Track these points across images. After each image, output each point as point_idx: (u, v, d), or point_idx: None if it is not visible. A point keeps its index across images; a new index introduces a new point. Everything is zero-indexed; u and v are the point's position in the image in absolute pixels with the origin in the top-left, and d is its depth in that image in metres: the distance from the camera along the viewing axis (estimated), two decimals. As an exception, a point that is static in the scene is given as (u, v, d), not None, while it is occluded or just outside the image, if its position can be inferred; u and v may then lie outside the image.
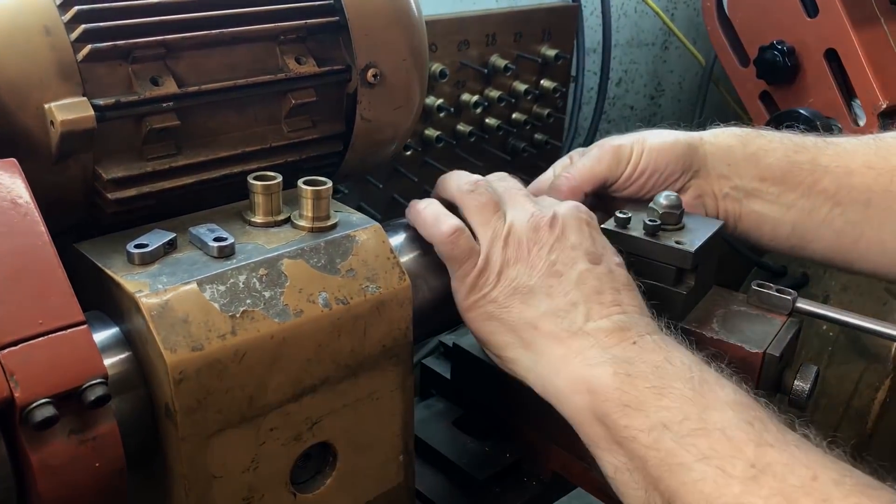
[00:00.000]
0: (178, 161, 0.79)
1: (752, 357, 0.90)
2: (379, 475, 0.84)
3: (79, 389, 0.61)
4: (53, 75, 0.70)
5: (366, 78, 0.88)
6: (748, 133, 1.06)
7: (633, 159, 1.02)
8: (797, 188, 1.01)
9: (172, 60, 0.77)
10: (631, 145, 1.02)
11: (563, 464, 0.98)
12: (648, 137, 1.03)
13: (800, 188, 1.01)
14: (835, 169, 1.01)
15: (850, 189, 1.00)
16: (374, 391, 0.80)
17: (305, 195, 0.77)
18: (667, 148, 1.02)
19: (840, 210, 1.01)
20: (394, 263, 0.79)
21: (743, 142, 1.04)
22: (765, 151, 1.02)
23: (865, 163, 1.00)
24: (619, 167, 1.02)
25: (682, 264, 0.93)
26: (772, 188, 1.02)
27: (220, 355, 0.67)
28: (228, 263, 0.72)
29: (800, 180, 1.01)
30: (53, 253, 0.64)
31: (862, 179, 1.00)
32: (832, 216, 1.01)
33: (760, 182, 1.02)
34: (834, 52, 1.50)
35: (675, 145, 1.02)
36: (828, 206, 1.00)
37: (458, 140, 1.65)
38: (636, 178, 1.02)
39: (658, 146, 1.02)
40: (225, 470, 0.70)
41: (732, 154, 1.03)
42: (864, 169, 1.00)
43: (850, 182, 1.00)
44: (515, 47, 1.67)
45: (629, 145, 1.02)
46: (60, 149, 0.71)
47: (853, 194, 1.00)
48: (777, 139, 1.04)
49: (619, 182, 1.03)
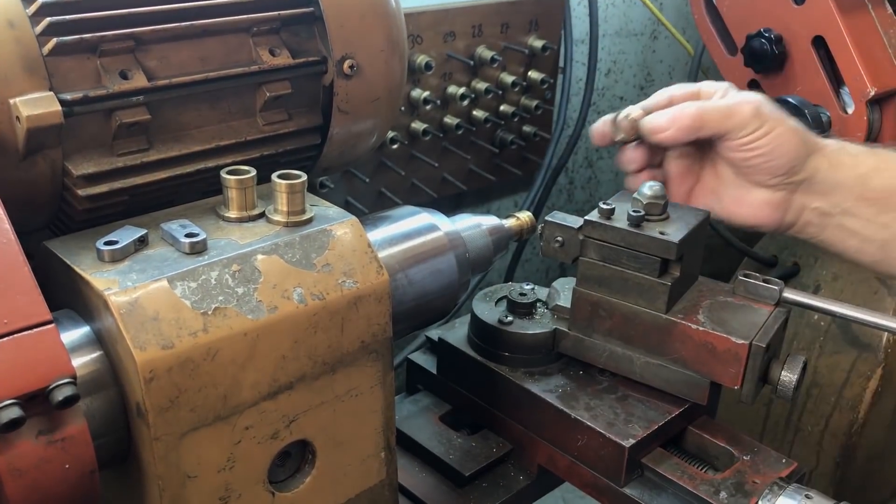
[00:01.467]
0: (149, 156, 0.78)
1: (739, 348, 0.89)
2: (360, 472, 0.82)
3: (46, 390, 0.60)
4: (18, 70, 0.69)
5: (342, 69, 0.86)
6: (862, 153, 1.04)
7: (760, 132, 0.99)
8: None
9: (142, 53, 0.76)
10: (768, 118, 0.99)
11: (549, 458, 0.97)
12: (787, 121, 1.00)
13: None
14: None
15: None
16: (353, 388, 0.79)
17: (280, 189, 0.76)
18: (794, 141, 1.00)
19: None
20: (371, 258, 0.78)
21: (855, 162, 1.03)
22: (876, 172, 1.02)
23: None
24: (745, 129, 0.99)
25: (666, 255, 0.92)
26: (870, 209, 1.02)
27: (191, 353, 0.66)
28: (200, 259, 0.70)
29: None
30: (18, 251, 0.63)
31: None
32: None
33: (861, 202, 1.02)
34: (821, 40, 1.49)
35: (802, 144, 1.01)
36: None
37: (445, 133, 1.64)
38: (753, 149, 1.00)
39: (789, 135, 0.99)
40: (200, 469, 0.69)
41: (844, 175, 1.02)
42: None
43: None
44: (502, 38, 1.66)
45: (767, 117, 0.99)
46: (27, 145, 0.70)
47: None
48: (889, 159, 1.03)
49: (735, 141, 1.00)
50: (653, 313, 0.93)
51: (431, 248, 0.91)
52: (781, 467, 0.91)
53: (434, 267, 0.91)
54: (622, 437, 0.90)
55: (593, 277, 0.97)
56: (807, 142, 1.02)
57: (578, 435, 0.93)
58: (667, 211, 0.96)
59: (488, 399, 1.02)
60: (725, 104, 1.00)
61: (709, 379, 0.92)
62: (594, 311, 0.97)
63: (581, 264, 0.97)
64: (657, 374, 0.95)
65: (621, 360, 0.97)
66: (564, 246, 0.98)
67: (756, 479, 0.89)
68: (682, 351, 0.93)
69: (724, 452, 0.94)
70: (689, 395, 0.95)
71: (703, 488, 0.88)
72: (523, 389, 0.98)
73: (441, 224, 0.94)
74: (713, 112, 0.99)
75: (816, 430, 1.56)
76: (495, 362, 1.01)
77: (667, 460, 0.92)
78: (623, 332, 0.96)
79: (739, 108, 0.99)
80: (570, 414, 0.93)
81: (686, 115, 0.99)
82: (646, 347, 0.95)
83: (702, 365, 0.92)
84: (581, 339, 0.99)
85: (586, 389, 0.98)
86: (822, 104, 1.52)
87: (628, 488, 0.91)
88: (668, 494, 0.90)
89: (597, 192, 2.18)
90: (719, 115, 0.99)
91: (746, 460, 0.92)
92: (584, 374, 1.00)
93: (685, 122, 0.99)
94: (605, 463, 0.92)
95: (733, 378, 0.90)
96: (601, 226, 0.94)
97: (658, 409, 0.95)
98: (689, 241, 0.94)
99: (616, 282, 0.95)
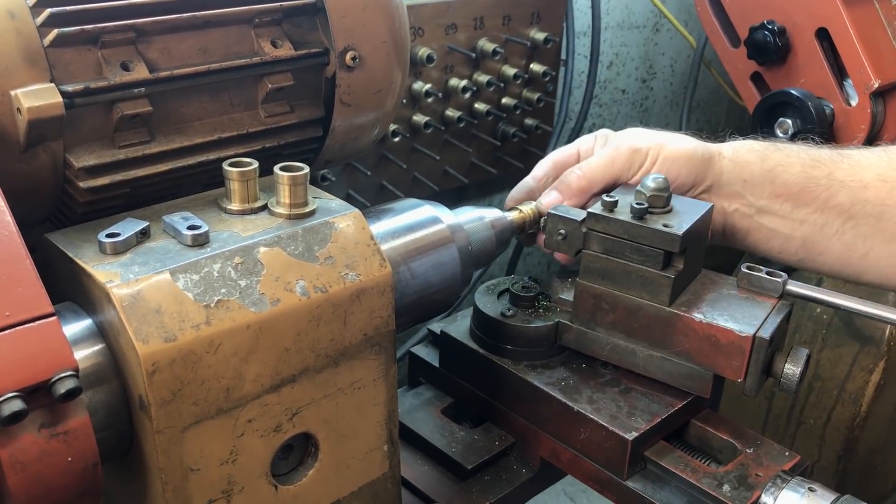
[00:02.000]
0: (151, 148, 0.77)
1: (742, 341, 0.88)
2: (363, 465, 0.82)
3: (48, 382, 0.60)
4: (19, 61, 0.69)
5: (344, 61, 0.86)
6: (767, 148, 1.05)
7: (646, 164, 1.01)
8: (811, 203, 1.02)
9: (143, 45, 0.76)
10: (647, 150, 1.01)
11: (552, 451, 0.97)
12: (667, 144, 1.02)
13: (814, 203, 1.02)
14: (850, 183, 1.01)
15: (864, 203, 1.01)
16: (356, 380, 0.78)
17: (282, 181, 0.75)
18: (683, 159, 1.02)
19: (852, 224, 1.01)
20: (374, 250, 0.78)
21: (761, 157, 1.04)
22: (783, 167, 1.03)
23: (879, 175, 1.01)
24: (630, 170, 1.02)
25: (669, 248, 0.91)
26: (785, 205, 1.02)
27: (194, 346, 0.65)
28: (203, 252, 0.70)
29: (815, 196, 1.01)
30: (20, 243, 0.63)
31: (876, 193, 1.00)
32: (843, 230, 1.01)
33: (774, 199, 1.03)
34: (825, 32, 1.48)
35: (691, 157, 1.02)
36: (840, 220, 1.01)
37: (446, 126, 1.64)
38: None
39: (674, 156, 1.01)
40: (202, 462, 0.69)
41: (750, 171, 1.03)
42: (879, 182, 1.01)
43: (865, 196, 1.01)
44: (504, 31, 1.65)
45: (646, 150, 1.02)
46: (29, 137, 0.70)
47: (867, 208, 1.01)
48: (795, 154, 1.04)
49: (629, 184, 1.03)
50: (656, 306, 0.93)
51: (434, 240, 0.91)
52: (784, 460, 0.91)
53: (437, 260, 0.90)
54: (625, 430, 0.90)
55: (596, 270, 0.96)
56: (700, 152, 1.03)
57: (581, 428, 0.93)
58: (670, 203, 0.96)
59: (491, 392, 1.02)
60: (604, 155, 1.03)
61: (712, 372, 0.92)
62: (597, 303, 0.97)
63: (584, 257, 0.97)
64: (660, 367, 0.95)
65: (624, 353, 0.97)
66: (567, 239, 0.97)
67: (759, 473, 0.89)
68: (686, 344, 0.93)
69: (727, 445, 0.94)
70: (692, 388, 0.94)
71: (706, 481, 0.88)
72: (526, 382, 0.97)
73: (443, 216, 0.94)
74: (595, 169, 1.02)
75: (819, 424, 1.56)
76: (498, 355, 1.01)
77: (670, 453, 0.92)
78: (626, 325, 0.96)
79: (617, 153, 1.02)
80: (573, 407, 0.93)
81: (572, 183, 1.02)
82: (649, 340, 0.95)
83: (705, 358, 0.92)
84: (584, 332, 0.99)
85: (589, 382, 0.98)
86: (825, 96, 1.51)
87: (631, 481, 0.91)
88: (671, 487, 0.90)
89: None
90: (602, 168, 1.02)
91: (749, 453, 0.92)
92: (586, 367, 1.00)
93: (573, 188, 1.02)
94: (607, 456, 0.91)
95: (736, 371, 0.90)
96: (604, 218, 0.94)
97: (661, 402, 0.95)
98: (693, 234, 0.93)
99: (619, 274, 0.95)
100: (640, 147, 1.02)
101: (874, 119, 1.48)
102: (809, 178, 1.02)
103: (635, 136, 1.04)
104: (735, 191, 1.04)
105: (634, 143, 1.02)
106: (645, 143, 1.02)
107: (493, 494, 0.96)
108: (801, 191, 1.02)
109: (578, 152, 1.08)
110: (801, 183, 1.02)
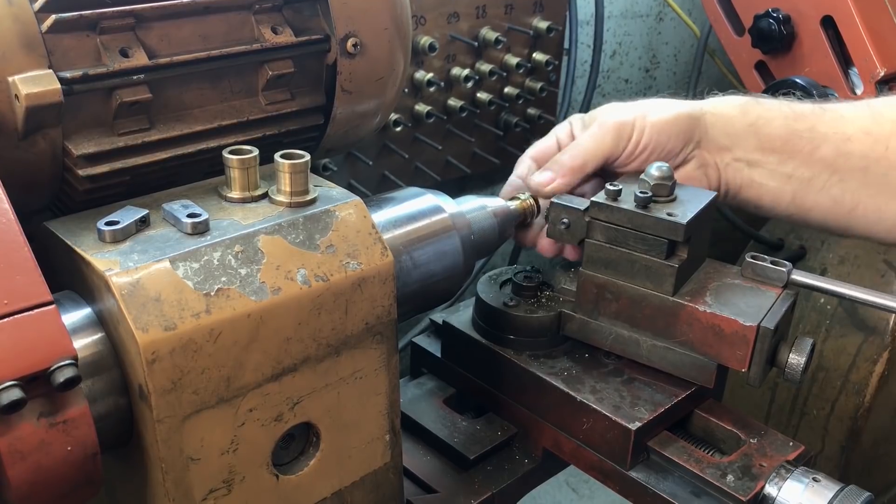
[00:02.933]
0: (151, 136, 0.77)
1: (747, 331, 0.88)
2: (364, 455, 0.82)
3: (47, 371, 0.59)
4: (16, 47, 0.68)
5: (346, 48, 0.85)
6: (748, 102, 1.05)
7: (634, 136, 1.00)
8: (796, 156, 1.01)
9: (143, 31, 0.75)
10: (633, 121, 1.00)
11: (554, 441, 0.97)
12: (650, 112, 1.01)
13: (799, 156, 1.01)
14: (833, 136, 1.01)
15: (849, 156, 1.00)
16: (358, 370, 0.78)
17: (282, 169, 0.75)
18: (669, 123, 1.01)
19: (838, 178, 1.01)
20: (376, 239, 0.77)
21: (743, 111, 1.03)
22: (765, 121, 1.02)
23: (862, 128, 1.00)
24: (620, 145, 1.00)
25: (674, 237, 0.91)
26: (771, 158, 1.02)
27: (194, 335, 0.65)
28: (203, 240, 0.69)
29: (799, 148, 1.01)
30: (18, 231, 0.62)
31: (860, 146, 1.00)
32: (830, 184, 1.01)
33: (761, 152, 1.02)
34: (830, 20, 1.47)
35: (676, 120, 1.01)
36: (826, 174, 1.00)
37: (449, 115, 1.63)
38: (638, 155, 1.01)
39: (660, 123, 1.00)
40: (203, 452, 0.69)
41: (733, 125, 1.03)
42: (862, 135, 1.00)
43: (848, 149, 1.00)
44: (506, 19, 1.64)
45: (631, 122, 1.00)
46: (27, 124, 0.69)
47: (851, 161, 1.00)
48: (776, 107, 1.03)
49: (620, 159, 1.02)
50: (660, 296, 0.92)
51: (436, 229, 0.90)
52: (789, 450, 0.90)
53: (439, 249, 0.90)
54: (628, 420, 0.89)
55: (599, 260, 0.96)
56: (684, 113, 1.02)
57: (584, 418, 0.92)
58: (674, 192, 0.95)
59: (493, 382, 1.02)
60: (591, 135, 1.01)
61: (716, 362, 0.92)
62: (600, 293, 0.96)
63: (587, 246, 0.96)
64: (664, 356, 0.95)
65: (627, 343, 0.96)
66: (570, 228, 0.97)
67: (763, 463, 0.88)
68: (690, 333, 0.92)
69: (731, 436, 0.93)
70: (696, 378, 0.94)
71: (709, 472, 0.87)
72: (528, 373, 0.97)
73: (446, 206, 0.93)
74: (586, 149, 1.01)
75: (822, 414, 1.55)
76: (500, 345, 1.00)
77: (673, 444, 0.91)
78: (629, 315, 0.95)
79: (603, 130, 1.00)
80: (576, 397, 0.93)
81: (565, 161, 1.01)
82: (652, 330, 0.94)
83: (709, 347, 0.91)
84: (587, 321, 0.98)
85: (592, 372, 0.97)
86: (830, 85, 1.50)
87: (634, 472, 0.90)
88: (675, 478, 0.89)
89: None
90: (592, 147, 1.00)
91: (753, 443, 0.91)
92: (589, 357, 1.00)
93: (567, 166, 1.00)
94: (610, 446, 0.91)
95: (740, 361, 0.89)
96: (608, 207, 0.93)
97: (664, 392, 0.94)
98: (697, 223, 0.92)
99: (623, 264, 0.94)
100: (624, 120, 1.00)
101: (879, 108, 1.47)
102: (792, 132, 1.01)
103: (617, 111, 1.03)
104: (723, 144, 1.03)
105: (618, 117, 1.01)
106: (629, 115, 1.01)
107: (495, 485, 0.95)
108: (785, 144, 1.01)
109: (557, 141, 1.06)
110: (783, 136, 1.01)
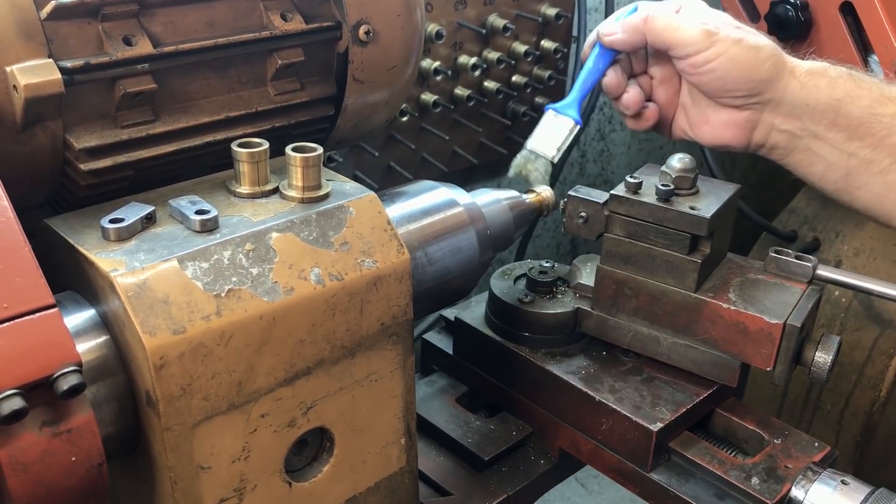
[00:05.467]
0: (155, 128, 0.74)
1: (772, 328, 0.85)
2: (379, 460, 0.79)
3: (50, 378, 0.56)
4: (14, 35, 0.65)
5: (358, 36, 0.82)
6: (840, 76, 1.00)
7: (705, 54, 0.96)
8: (866, 138, 0.98)
9: (146, 18, 0.72)
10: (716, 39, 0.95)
11: (571, 441, 0.94)
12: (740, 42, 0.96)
13: (869, 139, 0.98)
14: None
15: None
16: (373, 372, 0.75)
17: (294, 163, 0.72)
18: (747, 68, 0.96)
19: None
20: (391, 235, 0.74)
21: (831, 84, 0.99)
22: (851, 98, 0.98)
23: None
24: (686, 48, 0.96)
25: (697, 231, 0.88)
26: (840, 135, 0.98)
27: (204, 338, 0.62)
28: (212, 238, 0.66)
29: (873, 132, 0.97)
30: (18, 230, 0.59)
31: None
32: (890, 169, 0.97)
33: (831, 128, 0.99)
34: (850, 5, 1.43)
35: (756, 68, 0.96)
36: (890, 160, 0.97)
37: (456, 104, 1.59)
38: (697, 73, 0.97)
39: (741, 60, 0.96)
40: (213, 460, 0.66)
41: (816, 97, 0.98)
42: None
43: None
44: (514, 6, 1.61)
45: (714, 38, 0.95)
46: (26, 116, 0.66)
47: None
48: (866, 86, 0.99)
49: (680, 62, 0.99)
50: (682, 292, 0.90)
51: (451, 224, 0.87)
52: (814, 451, 0.88)
53: (454, 244, 0.87)
54: (649, 420, 0.87)
55: (618, 255, 0.93)
56: (772, 62, 0.98)
57: (603, 418, 0.90)
58: (696, 185, 0.92)
59: (507, 380, 0.99)
60: (672, 17, 0.98)
61: (739, 360, 0.89)
62: (619, 289, 0.94)
63: (606, 241, 0.93)
64: (685, 354, 0.92)
65: (647, 341, 0.94)
66: (588, 222, 0.94)
67: (788, 464, 0.86)
68: (712, 331, 0.89)
69: (754, 436, 0.91)
70: (719, 376, 0.91)
71: (733, 474, 0.85)
72: (545, 371, 0.94)
73: (460, 199, 0.90)
74: (657, 21, 0.98)
75: (836, 409, 1.53)
76: (514, 343, 0.98)
77: (695, 444, 0.89)
78: (649, 312, 0.93)
79: (686, 24, 0.97)
80: (595, 397, 0.90)
81: (631, 20, 1.00)
82: (673, 327, 0.92)
83: (732, 345, 0.89)
84: (605, 318, 0.96)
85: (610, 371, 0.94)
86: (847, 73, 1.47)
87: (655, 473, 0.88)
88: (697, 480, 0.87)
89: (609, 165, 2.13)
90: (663, 24, 0.97)
91: (777, 444, 0.89)
92: (607, 355, 0.97)
93: (629, 26, 0.99)
94: (630, 447, 0.89)
95: (766, 359, 0.87)
96: (628, 200, 0.90)
97: (685, 391, 0.92)
98: (720, 217, 0.90)
99: (643, 259, 0.91)
100: (715, 33, 0.96)
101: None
102: (874, 115, 0.98)
103: (711, 16, 0.98)
104: (794, 113, 0.99)
105: (710, 27, 0.96)
106: (725, 31, 0.96)
107: (510, 486, 0.93)
108: (861, 125, 0.98)
109: None
110: (863, 117, 0.98)
